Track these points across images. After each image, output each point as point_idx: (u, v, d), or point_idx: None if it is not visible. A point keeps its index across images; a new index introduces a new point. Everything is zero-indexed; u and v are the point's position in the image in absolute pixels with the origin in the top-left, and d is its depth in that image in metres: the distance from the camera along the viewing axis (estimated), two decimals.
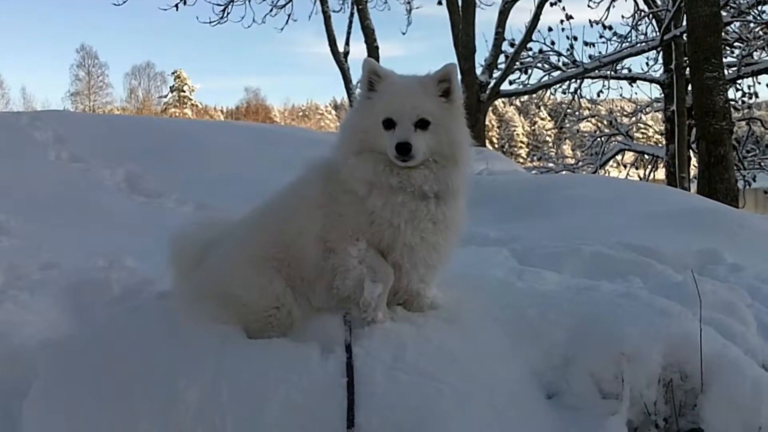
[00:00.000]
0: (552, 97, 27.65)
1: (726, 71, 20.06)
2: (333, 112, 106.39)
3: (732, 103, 22.25)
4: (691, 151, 22.13)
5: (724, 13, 19.74)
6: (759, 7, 21.72)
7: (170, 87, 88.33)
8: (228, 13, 23.73)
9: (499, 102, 41.82)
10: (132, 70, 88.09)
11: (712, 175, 12.37)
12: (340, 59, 24.15)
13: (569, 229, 6.78)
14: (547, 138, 62.82)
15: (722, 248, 5.76)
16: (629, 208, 7.64)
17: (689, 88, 19.69)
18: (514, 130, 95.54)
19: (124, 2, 22.23)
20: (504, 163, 14.52)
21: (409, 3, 25.72)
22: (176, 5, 22.62)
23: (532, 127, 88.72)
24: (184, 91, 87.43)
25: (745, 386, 3.02)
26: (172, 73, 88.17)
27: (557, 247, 5.91)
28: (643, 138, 38.39)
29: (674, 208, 7.60)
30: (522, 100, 30.65)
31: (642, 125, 32.02)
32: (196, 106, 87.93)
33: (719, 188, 12.17)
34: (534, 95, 25.94)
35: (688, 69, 17.43)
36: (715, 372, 3.05)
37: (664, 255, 5.60)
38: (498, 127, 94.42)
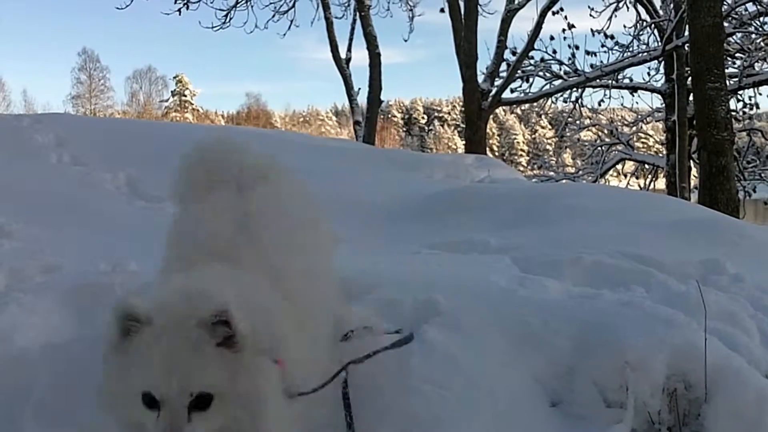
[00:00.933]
0: (553, 105, 27.66)
1: (727, 82, 20.16)
2: (334, 117, 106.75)
3: (733, 113, 22.33)
4: (691, 161, 22.16)
5: (726, 24, 19.79)
6: (760, 19, 21.75)
7: (171, 91, 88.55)
8: (230, 18, 23.71)
9: (499, 110, 41.88)
10: (133, 74, 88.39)
11: (714, 186, 12.37)
12: (342, 65, 24.17)
13: (570, 238, 6.77)
14: (548, 146, 62.99)
15: (724, 258, 5.74)
16: (630, 217, 7.64)
17: (690, 98, 19.75)
18: (515, 139, 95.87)
19: (127, 6, 22.19)
20: (505, 170, 14.51)
21: (411, 10, 25.77)
22: (179, 10, 22.61)
23: (533, 136, 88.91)
24: (186, 96, 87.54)
25: (749, 396, 3.03)
26: (174, 78, 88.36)
27: (558, 255, 5.88)
28: (643, 147, 38.40)
29: (675, 217, 7.59)
30: (523, 108, 30.63)
31: (643, 135, 32.02)
32: (197, 110, 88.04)
33: (720, 198, 12.17)
34: (535, 104, 25.96)
35: (689, 79, 17.46)
36: (719, 382, 3.06)
37: (666, 265, 5.58)
38: (498, 135, 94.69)
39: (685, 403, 3.13)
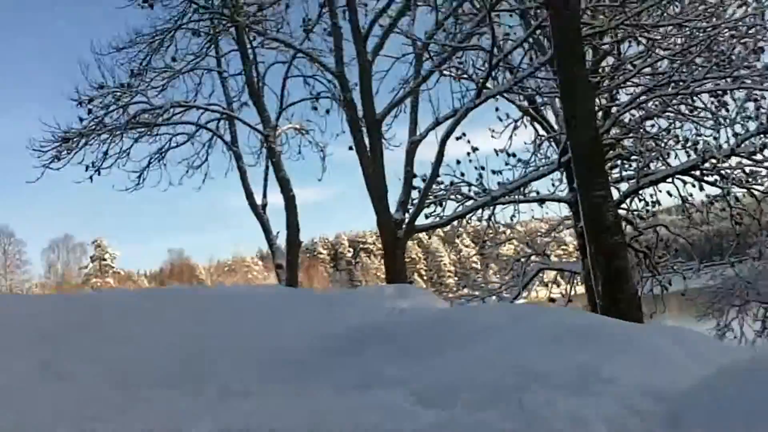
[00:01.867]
0: (470, 224, 28.40)
1: (626, 183, 21.25)
2: (260, 262, 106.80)
3: (637, 212, 23.41)
4: None
5: (616, 131, 21.01)
6: (646, 122, 23.06)
7: (90, 257, 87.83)
8: (144, 179, 24.02)
9: (422, 234, 42.79)
10: (50, 245, 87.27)
11: (613, 289, 12.90)
12: (259, 211, 24.59)
13: (465, 361, 7.09)
14: (473, 264, 64.11)
15: (600, 361, 6.13)
16: (522, 330, 7.99)
17: None
18: (441, 260, 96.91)
19: (38, 179, 22.35)
20: (422, 298, 14.75)
21: (322, 151, 26.52)
22: (90, 177, 22.78)
23: (458, 256, 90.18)
24: (105, 260, 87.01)
25: None
26: (92, 243, 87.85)
27: (451, 380, 6.21)
28: (564, 254, 39.43)
29: (562, 326, 7.99)
30: (444, 230, 31.35)
31: (562, 243, 32.93)
32: (119, 273, 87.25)
33: (621, 299, 12.69)
34: (454, 224, 26.60)
35: None
36: None
37: (547, 374, 5.94)
38: (425, 259, 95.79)
39: None
